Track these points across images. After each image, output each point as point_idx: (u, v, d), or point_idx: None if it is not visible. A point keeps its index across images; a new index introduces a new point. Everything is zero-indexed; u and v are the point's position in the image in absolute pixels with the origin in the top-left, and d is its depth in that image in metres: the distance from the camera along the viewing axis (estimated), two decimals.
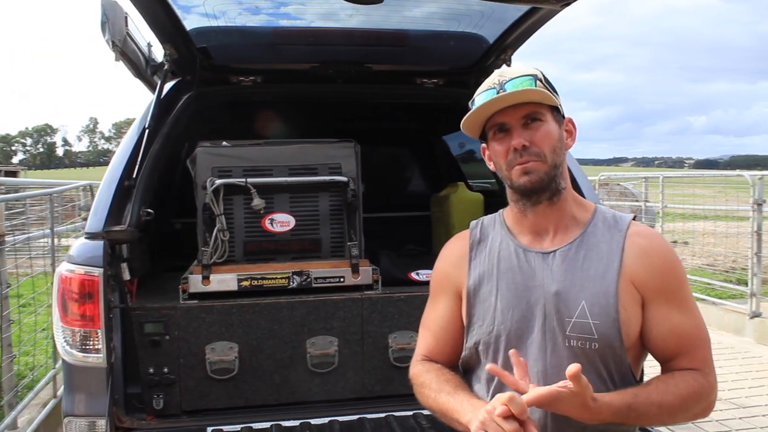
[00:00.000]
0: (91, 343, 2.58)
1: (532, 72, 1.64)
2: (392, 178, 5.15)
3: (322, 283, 2.93)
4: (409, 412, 2.75)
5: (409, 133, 5.12)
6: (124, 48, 2.96)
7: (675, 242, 10.03)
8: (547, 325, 1.60)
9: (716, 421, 4.73)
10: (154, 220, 2.90)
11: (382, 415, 2.75)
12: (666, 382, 1.54)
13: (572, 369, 1.36)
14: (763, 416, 4.88)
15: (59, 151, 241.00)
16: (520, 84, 1.60)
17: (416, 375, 1.81)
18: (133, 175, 2.80)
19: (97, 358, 2.57)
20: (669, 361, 1.61)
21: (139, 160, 2.84)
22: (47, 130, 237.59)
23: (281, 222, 2.97)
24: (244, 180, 2.91)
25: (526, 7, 2.91)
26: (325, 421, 2.70)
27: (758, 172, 7.62)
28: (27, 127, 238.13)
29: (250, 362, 2.84)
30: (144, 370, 2.77)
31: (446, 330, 1.80)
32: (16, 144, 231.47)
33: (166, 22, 2.82)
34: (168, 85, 3.19)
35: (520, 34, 3.20)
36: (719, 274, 9.15)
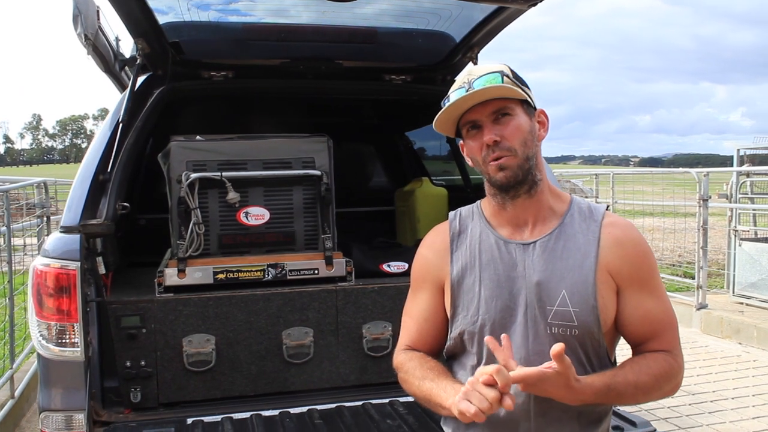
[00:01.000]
0: (68, 337, 2.57)
1: (499, 68, 1.69)
2: (358, 173, 5.20)
3: (297, 275, 2.97)
4: (386, 400, 2.82)
5: (376, 129, 5.17)
6: (96, 42, 2.95)
7: None
8: (529, 313, 1.65)
9: (668, 407, 4.92)
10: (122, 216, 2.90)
11: (359, 403, 2.80)
12: (639, 363, 1.63)
13: (556, 348, 1.43)
14: (711, 402, 5.11)
15: (0, 149, 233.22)
16: (486, 81, 1.64)
17: (400, 364, 1.83)
18: (108, 169, 2.80)
19: (74, 352, 2.55)
20: (641, 344, 1.69)
21: (114, 154, 2.83)
22: None
23: (256, 215, 3.00)
24: (219, 174, 2.93)
25: (493, 7, 2.99)
26: (304, 410, 2.74)
27: (704, 169, 7.90)
28: None
29: (227, 354, 2.86)
30: (121, 363, 2.77)
31: (428, 321, 1.84)
32: None
33: (139, 16, 2.81)
34: (139, 80, 3.18)
35: (486, 32, 3.29)
36: (666, 267, 9.46)
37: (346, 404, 2.80)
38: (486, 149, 1.65)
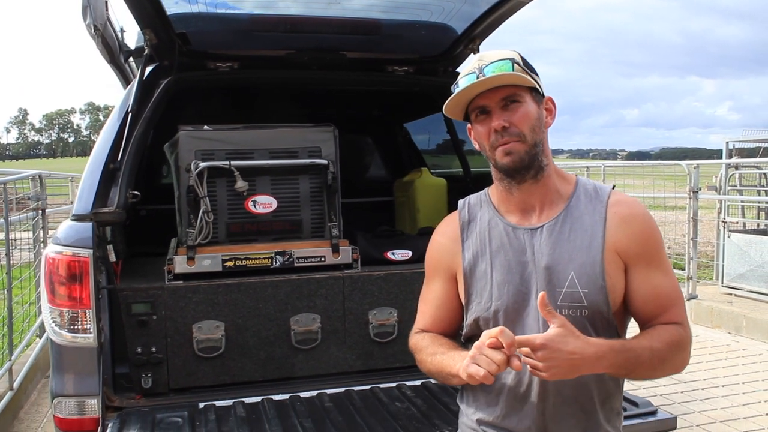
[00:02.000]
0: (80, 323, 2.59)
1: (510, 56, 1.72)
2: (359, 164, 5.24)
3: (304, 262, 3.02)
4: (393, 384, 2.88)
5: (377, 120, 5.20)
6: (104, 33, 2.97)
7: None
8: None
9: (660, 395, 5.01)
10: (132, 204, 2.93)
11: (366, 387, 2.86)
12: (651, 333, 1.67)
13: (540, 296, 1.51)
14: (702, 390, 5.21)
15: None
16: (497, 68, 1.67)
17: (414, 344, 1.90)
18: (118, 158, 2.82)
19: (86, 338, 2.58)
20: (650, 320, 1.72)
21: (123, 144, 2.85)
22: None
23: (263, 204, 3.03)
24: (228, 163, 2.97)
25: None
26: (314, 393, 2.79)
27: (694, 161, 7.99)
28: None
29: (237, 340, 2.90)
30: (132, 349, 2.80)
31: (441, 308, 1.89)
32: None
33: (147, 7, 2.83)
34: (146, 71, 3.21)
35: (488, 24, 3.33)
36: None
37: (355, 388, 2.85)
38: (494, 134, 1.69)
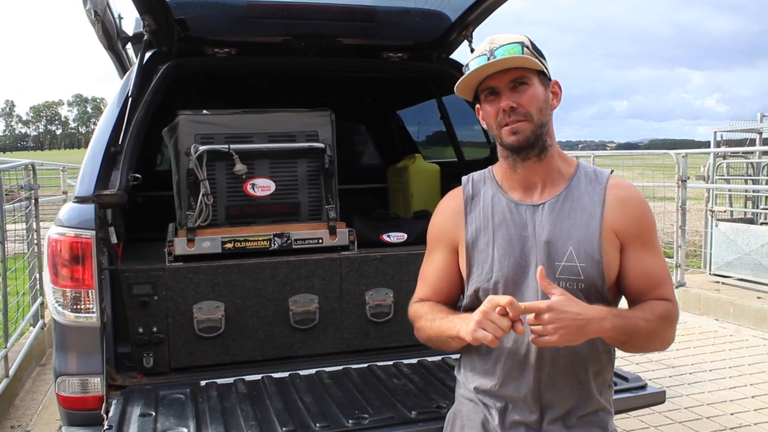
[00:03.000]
0: (83, 303, 2.63)
1: (520, 39, 1.81)
2: (354, 150, 5.29)
3: (302, 244, 3.07)
4: (390, 362, 2.95)
5: (371, 106, 5.25)
6: (104, 19, 3.00)
7: None
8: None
9: (649, 380, 5.06)
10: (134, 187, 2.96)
11: (364, 365, 2.93)
12: (644, 306, 1.78)
13: (539, 269, 1.63)
14: (690, 374, 5.32)
15: None
16: (507, 51, 1.76)
17: (413, 312, 1.99)
18: (119, 142, 2.86)
19: (89, 318, 2.62)
20: (640, 297, 1.82)
21: (124, 127, 2.89)
22: None
23: (262, 186, 3.08)
24: (227, 146, 3.01)
25: None
26: (312, 371, 2.85)
27: (682, 151, 8.09)
28: None
29: (236, 320, 2.96)
30: (133, 330, 2.85)
31: (441, 280, 1.98)
32: None
33: None
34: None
35: (481, 11, 3.37)
36: None
37: (353, 366, 2.92)
38: (502, 114, 1.78)
